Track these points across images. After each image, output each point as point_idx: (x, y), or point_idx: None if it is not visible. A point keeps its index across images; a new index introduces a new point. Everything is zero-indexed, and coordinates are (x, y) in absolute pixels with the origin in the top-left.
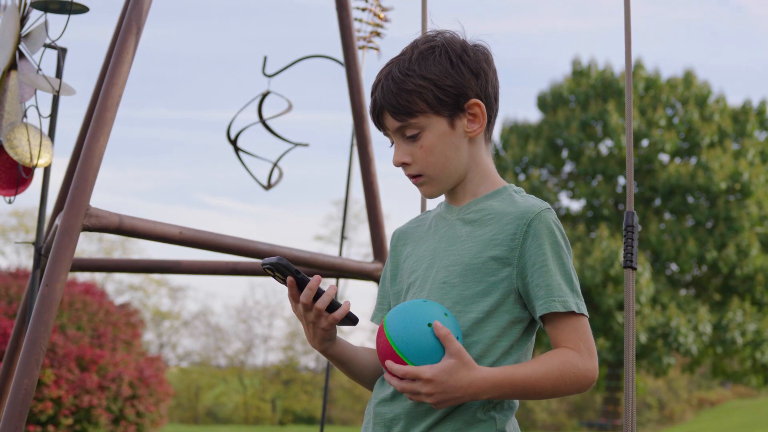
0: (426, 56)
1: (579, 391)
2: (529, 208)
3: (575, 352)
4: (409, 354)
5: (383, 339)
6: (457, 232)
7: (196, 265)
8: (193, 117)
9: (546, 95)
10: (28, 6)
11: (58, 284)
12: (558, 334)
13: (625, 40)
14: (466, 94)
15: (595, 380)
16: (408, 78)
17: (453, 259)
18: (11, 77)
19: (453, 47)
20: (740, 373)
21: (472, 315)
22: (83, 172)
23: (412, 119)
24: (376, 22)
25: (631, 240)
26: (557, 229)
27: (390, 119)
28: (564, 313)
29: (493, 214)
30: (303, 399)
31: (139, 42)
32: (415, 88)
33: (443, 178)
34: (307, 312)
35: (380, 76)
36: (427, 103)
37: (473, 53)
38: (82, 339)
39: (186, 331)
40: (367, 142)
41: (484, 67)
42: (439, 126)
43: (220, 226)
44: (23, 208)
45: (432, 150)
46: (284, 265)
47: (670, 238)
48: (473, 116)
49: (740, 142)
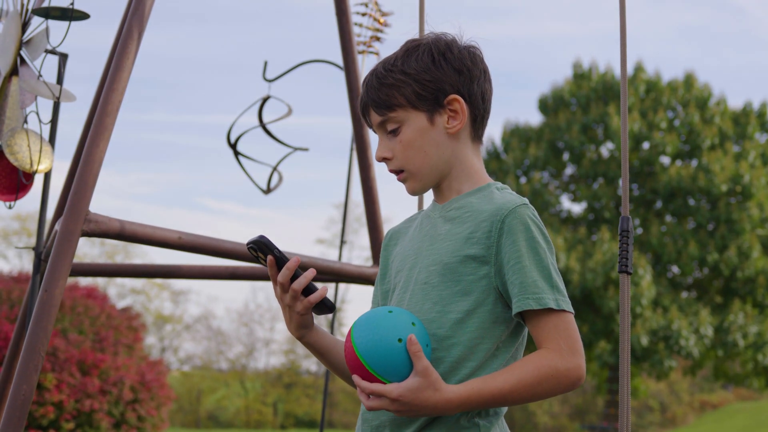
0: (410, 53)
1: (564, 392)
2: (504, 204)
3: (554, 352)
4: (380, 370)
5: (352, 352)
6: (438, 231)
7: (196, 269)
8: (194, 121)
9: (547, 98)
10: (29, 12)
11: (57, 289)
12: (538, 333)
13: (621, 46)
14: (445, 90)
15: (582, 377)
16: (389, 73)
17: (433, 259)
18: (12, 83)
19: (437, 45)
20: (742, 376)
21: (452, 315)
22: (83, 178)
23: (392, 113)
24: (375, 27)
25: (626, 245)
26: (533, 224)
27: (373, 114)
28: (542, 311)
29: (471, 212)
30: (304, 402)
31: (140, 47)
32: (395, 82)
33: (424, 174)
34: (283, 293)
35: (367, 74)
36: (405, 98)
37: (458, 51)
38: (83, 343)
39: (188, 334)
40: (366, 147)
41: (467, 65)
42: (418, 121)
43: (221, 229)
44: (26, 212)
45: (411, 144)
46: (265, 243)
47: (672, 240)
48: (453, 112)
49: (741, 145)
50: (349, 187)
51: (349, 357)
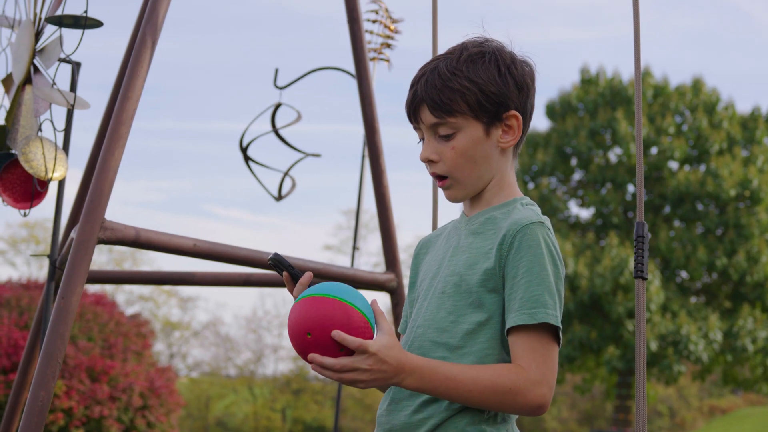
0: (475, 60)
1: (519, 413)
2: (520, 220)
3: (522, 369)
4: (371, 317)
5: (340, 305)
6: (461, 243)
7: (209, 276)
8: (202, 128)
9: (555, 103)
10: (42, 21)
11: (73, 297)
12: (516, 349)
13: (635, 51)
14: (507, 105)
15: (543, 407)
16: (455, 77)
17: (451, 270)
18: (26, 91)
19: (503, 57)
20: (751, 381)
21: (464, 326)
22: (98, 186)
23: (451, 118)
24: (386, 33)
25: (641, 250)
26: (544, 244)
27: (427, 114)
28: (530, 329)
29: (492, 226)
30: (313, 409)
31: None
32: (460, 88)
33: (469, 183)
34: None
35: (425, 69)
36: (468, 106)
37: (520, 67)
38: (92, 350)
39: (196, 341)
40: (379, 154)
41: (528, 83)
42: (475, 131)
43: (229, 236)
44: (33, 219)
45: (463, 153)
46: (279, 260)
47: (680, 245)
48: (509, 128)
49: (749, 149)
50: (360, 194)
51: (336, 310)
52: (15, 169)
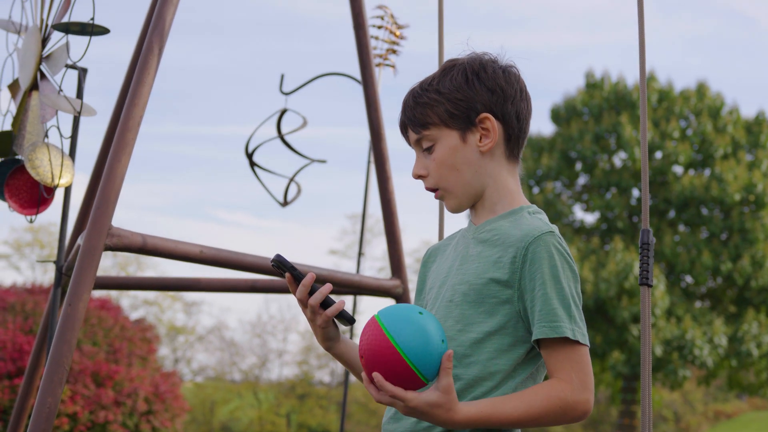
0: (446, 73)
1: (569, 422)
2: (531, 231)
3: (565, 383)
4: (421, 367)
5: (389, 346)
6: (469, 252)
7: (215, 282)
8: (207, 132)
9: (559, 108)
10: (49, 28)
11: (81, 303)
12: (552, 363)
13: (640, 56)
14: (476, 108)
15: (588, 411)
16: (424, 93)
17: (460, 278)
18: (32, 98)
19: (472, 65)
20: (756, 386)
21: (472, 335)
22: (105, 193)
23: (425, 131)
24: (392, 39)
25: (647, 258)
26: (557, 253)
27: (410, 132)
28: (558, 340)
29: (501, 236)
30: (318, 413)
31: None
32: (429, 101)
33: (458, 191)
34: (304, 309)
35: (406, 94)
36: (438, 116)
37: (492, 71)
38: (97, 354)
39: (201, 346)
40: (384, 160)
41: (501, 84)
42: (451, 139)
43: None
44: (38, 223)
45: (443, 162)
46: (281, 261)
47: (685, 250)
48: (485, 131)
49: (754, 154)
50: (366, 200)
51: (383, 349)
52: (21, 176)
